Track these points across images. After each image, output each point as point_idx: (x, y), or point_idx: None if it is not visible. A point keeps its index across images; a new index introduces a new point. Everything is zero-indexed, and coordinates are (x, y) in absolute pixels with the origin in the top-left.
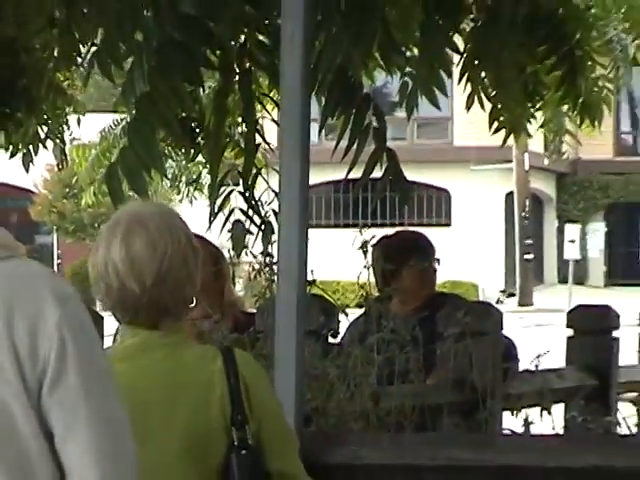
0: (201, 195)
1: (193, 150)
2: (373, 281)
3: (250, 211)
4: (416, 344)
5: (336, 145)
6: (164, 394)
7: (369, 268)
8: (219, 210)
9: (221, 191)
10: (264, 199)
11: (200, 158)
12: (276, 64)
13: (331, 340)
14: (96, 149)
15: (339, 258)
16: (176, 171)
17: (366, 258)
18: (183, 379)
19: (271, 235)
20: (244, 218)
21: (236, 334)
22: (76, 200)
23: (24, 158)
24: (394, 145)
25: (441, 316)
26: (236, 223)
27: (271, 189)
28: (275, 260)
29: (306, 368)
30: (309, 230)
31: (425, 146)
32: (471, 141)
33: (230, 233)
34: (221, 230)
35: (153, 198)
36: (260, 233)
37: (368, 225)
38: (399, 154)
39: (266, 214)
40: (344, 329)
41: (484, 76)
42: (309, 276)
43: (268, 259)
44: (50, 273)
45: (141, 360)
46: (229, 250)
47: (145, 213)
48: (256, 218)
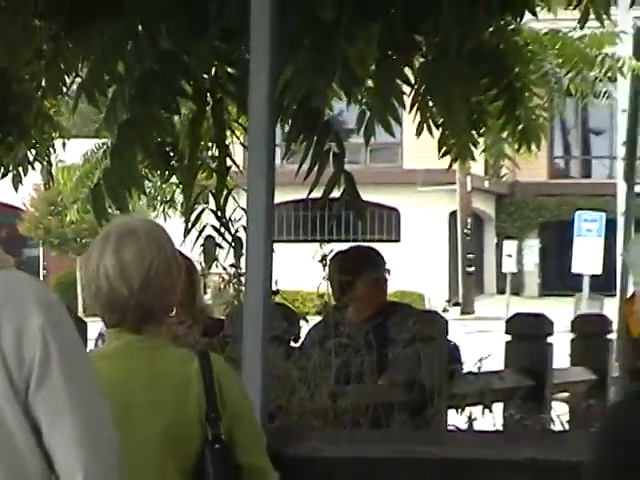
0: (174, 213)
1: (167, 172)
2: (331, 291)
3: (222, 228)
4: (370, 348)
5: (299, 168)
6: (145, 393)
7: (327, 279)
8: (192, 226)
9: (194, 209)
10: (234, 217)
11: (174, 179)
12: (245, 94)
13: (293, 344)
14: (79, 171)
15: (300, 270)
16: (152, 191)
17: (325, 270)
18: (163, 380)
19: (240, 249)
20: (215, 234)
21: (207, 338)
22: (60, 217)
23: (14, 178)
24: (349, 168)
25: (392, 323)
26: (207, 238)
27: (240, 208)
28: (243, 272)
29: (270, 370)
30: (274, 245)
31: (377, 169)
32: (418, 165)
33: (202, 247)
34: (194, 244)
35: (131, 215)
36: (231, 248)
37: (326, 240)
38: (354, 176)
39: (236, 231)
40: (305, 334)
41: (433, 106)
42: (273, 286)
43: (236, 271)
44: (35, 282)
45: (124, 361)
46: (200, 263)
47: (136, 226)
48: (227, 234)
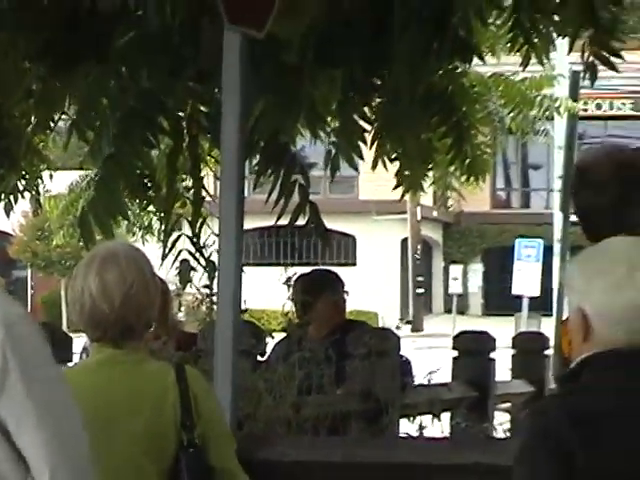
0: (151, 238)
1: (145, 201)
2: (294, 310)
3: (196, 252)
4: (329, 362)
5: (267, 198)
6: (126, 402)
7: (291, 300)
8: (169, 251)
9: (171, 235)
10: (208, 242)
11: (151, 207)
12: (217, 130)
13: (260, 358)
14: (65, 200)
15: (266, 291)
16: (131, 218)
17: (289, 291)
18: (142, 390)
19: (213, 272)
20: (190, 258)
21: (181, 352)
22: (47, 241)
23: (5, 206)
24: (310, 198)
25: (350, 339)
26: (183, 262)
27: (214, 234)
28: (215, 292)
29: (239, 381)
30: (243, 268)
31: (336, 200)
32: (373, 196)
33: (178, 270)
34: (171, 267)
35: (114, 240)
36: (204, 270)
37: (290, 264)
38: None
39: (209, 255)
40: (270, 349)
41: (387, 142)
42: (242, 306)
43: (209, 291)
44: (2, 299)
45: (107, 373)
46: (176, 283)
47: (118, 250)
48: (201, 258)
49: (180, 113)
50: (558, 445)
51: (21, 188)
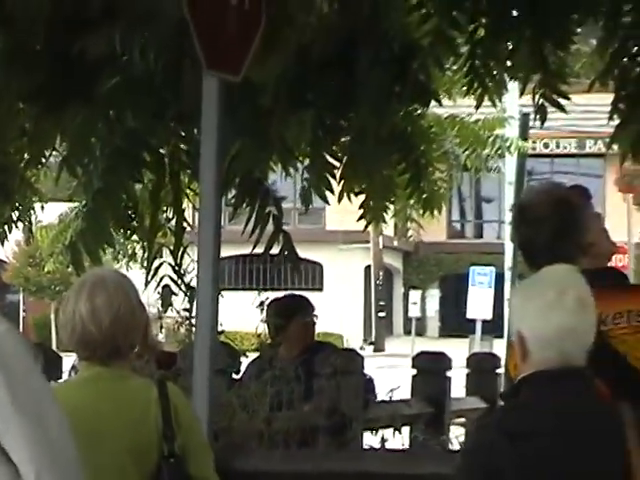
0: (135, 265)
1: (130, 230)
2: (267, 332)
3: (177, 278)
4: (299, 380)
5: (244, 228)
6: (113, 416)
7: (264, 322)
8: (152, 277)
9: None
10: (188, 269)
11: (134, 237)
12: (197, 166)
13: (235, 376)
14: (55, 229)
15: (241, 314)
16: (117, 246)
17: (262, 314)
18: (127, 404)
19: (192, 296)
20: (172, 283)
21: (162, 370)
22: (38, 268)
23: (0, 235)
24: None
25: (318, 359)
26: (165, 287)
27: (194, 261)
28: (194, 315)
29: (216, 397)
30: (220, 292)
31: (304, 230)
32: (339, 226)
33: (160, 294)
34: (154, 292)
35: (102, 267)
36: (184, 295)
37: (263, 289)
38: None
39: (189, 281)
40: (244, 368)
41: (353, 177)
42: (219, 328)
43: (188, 314)
44: None
45: (95, 389)
46: (158, 307)
47: (106, 276)
48: (181, 284)
49: (162, 151)
50: (490, 461)
51: (15, 219)
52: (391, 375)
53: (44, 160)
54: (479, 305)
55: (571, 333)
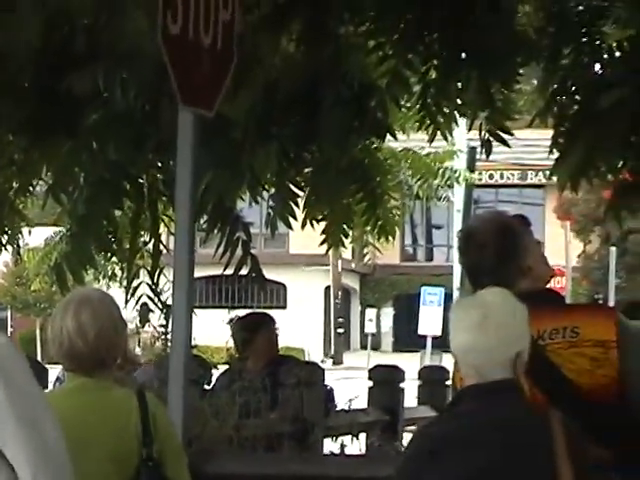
0: (114, 284)
1: (110, 253)
2: (235, 346)
3: (155, 297)
4: (265, 390)
5: (215, 251)
6: (97, 423)
7: (232, 337)
8: (131, 295)
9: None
10: (164, 289)
11: (114, 259)
12: (173, 194)
13: (206, 387)
14: (41, 252)
15: (211, 330)
16: (98, 267)
17: (231, 330)
18: (111, 413)
19: (168, 313)
20: (149, 302)
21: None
22: (25, 287)
23: None
24: None
25: (282, 371)
26: (142, 305)
27: (169, 281)
28: (169, 330)
29: (189, 406)
30: (193, 310)
31: (270, 253)
32: (302, 250)
33: (138, 312)
34: (133, 309)
35: (86, 287)
36: (161, 312)
37: (232, 307)
38: None
39: (166, 299)
40: (215, 379)
41: (315, 205)
42: (192, 342)
43: (164, 330)
44: None
45: (80, 398)
46: (136, 323)
47: (91, 295)
48: (158, 302)
49: (142, 180)
50: (427, 466)
51: (4, 242)
52: (349, 386)
53: (32, 188)
54: (429, 322)
55: (471, 351)
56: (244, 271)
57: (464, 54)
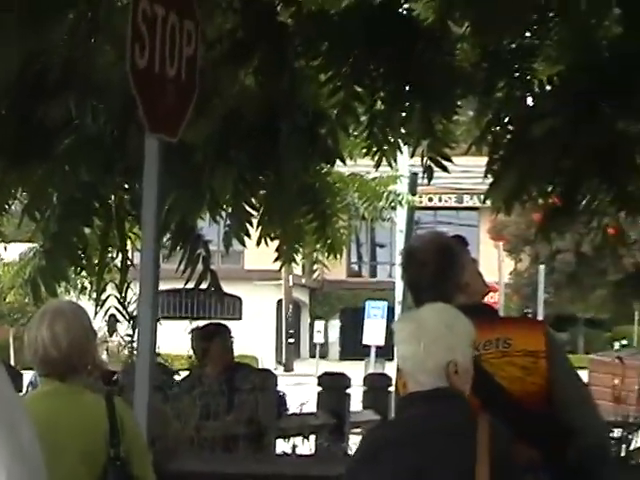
0: (84, 297)
1: (80, 267)
2: (195, 354)
3: (122, 308)
4: (222, 395)
5: (178, 267)
6: (68, 425)
7: (192, 345)
8: (101, 307)
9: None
10: (131, 301)
11: (84, 273)
12: (140, 214)
13: (169, 391)
14: (16, 266)
15: (173, 339)
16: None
17: (190, 339)
18: (80, 415)
19: (134, 323)
20: (117, 313)
21: (108, 386)
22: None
23: None
24: None
25: (239, 377)
26: (111, 316)
27: (135, 294)
28: (135, 339)
29: (153, 409)
30: (158, 321)
31: (227, 269)
32: (256, 266)
33: (106, 322)
34: (102, 319)
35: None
36: (127, 322)
37: (192, 318)
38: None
39: (132, 310)
40: (177, 384)
41: (269, 224)
42: (156, 350)
43: (130, 339)
44: None
45: (53, 402)
46: (105, 333)
47: (64, 307)
48: (125, 313)
49: (110, 200)
50: (361, 466)
51: None
52: (299, 392)
53: (8, 207)
54: (373, 333)
55: (406, 359)
56: (204, 285)
57: (408, 87)
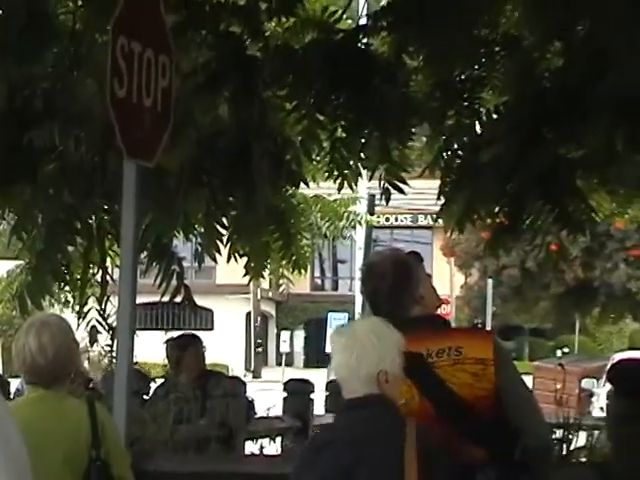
0: (67, 309)
1: (63, 283)
2: (169, 362)
3: (103, 320)
4: (196, 400)
5: (154, 281)
6: (53, 429)
7: (167, 354)
8: (82, 319)
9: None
10: (111, 313)
11: (67, 288)
12: (119, 233)
13: (145, 397)
14: (4, 282)
15: (150, 348)
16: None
17: (165, 349)
18: (65, 419)
19: (113, 334)
20: (98, 324)
21: (89, 392)
22: None
23: None
24: None
25: (211, 384)
26: (92, 327)
27: (115, 307)
28: (114, 349)
29: (131, 413)
30: (135, 331)
31: (199, 283)
32: (227, 281)
33: (88, 333)
34: (84, 331)
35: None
36: (107, 333)
37: (168, 329)
38: None
39: (112, 322)
40: (153, 391)
41: (238, 242)
42: (134, 359)
43: (110, 348)
44: None
45: (39, 407)
46: (86, 343)
47: (50, 319)
48: (105, 325)
49: (91, 221)
50: (305, 462)
51: None
52: (267, 397)
53: None
54: None
55: (339, 369)
56: (178, 298)
57: (366, 116)
